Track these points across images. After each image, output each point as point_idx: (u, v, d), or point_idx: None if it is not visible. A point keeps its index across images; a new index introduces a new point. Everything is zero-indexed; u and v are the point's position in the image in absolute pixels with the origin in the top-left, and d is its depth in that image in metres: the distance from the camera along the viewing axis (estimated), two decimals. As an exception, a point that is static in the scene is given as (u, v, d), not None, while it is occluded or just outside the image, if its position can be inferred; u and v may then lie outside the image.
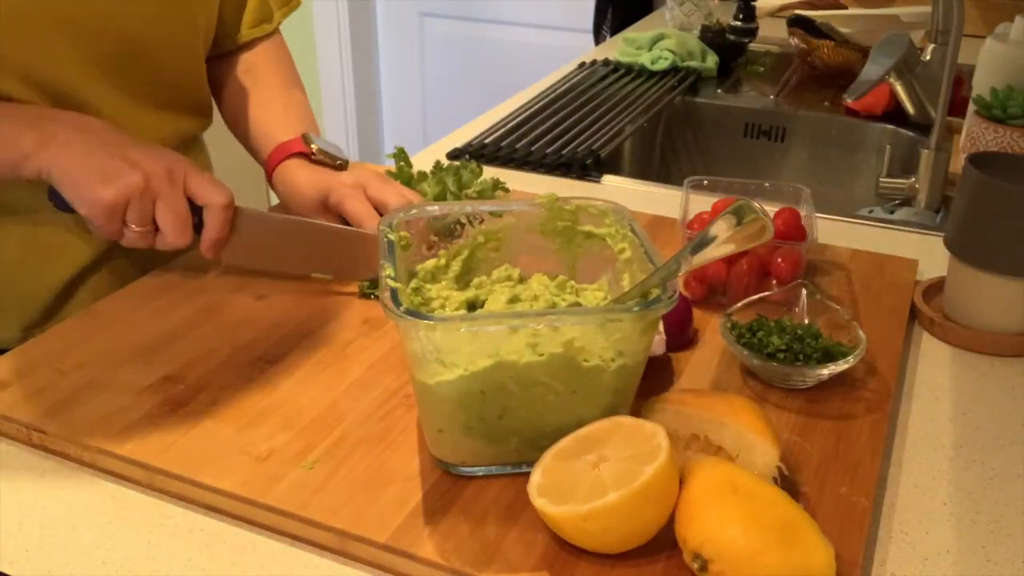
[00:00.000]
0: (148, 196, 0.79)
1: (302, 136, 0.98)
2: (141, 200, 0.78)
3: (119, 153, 0.79)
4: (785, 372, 0.74)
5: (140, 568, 0.59)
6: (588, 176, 1.24)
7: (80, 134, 0.80)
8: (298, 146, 0.97)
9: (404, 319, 0.58)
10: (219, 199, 0.82)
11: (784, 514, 0.55)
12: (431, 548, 0.58)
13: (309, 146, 0.97)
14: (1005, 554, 0.62)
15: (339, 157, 0.97)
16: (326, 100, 3.09)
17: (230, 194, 0.83)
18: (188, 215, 0.81)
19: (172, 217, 0.80)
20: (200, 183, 0.82)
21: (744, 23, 1.77)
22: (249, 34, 1.07)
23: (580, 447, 0.59)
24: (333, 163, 0.97)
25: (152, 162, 0.79)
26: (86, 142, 0.79)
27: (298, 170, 0.97)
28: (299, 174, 0.96)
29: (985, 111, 1.21)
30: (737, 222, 0.59)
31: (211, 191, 0.82)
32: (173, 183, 0.80)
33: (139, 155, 0.79)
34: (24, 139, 0.79)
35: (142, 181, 0.78)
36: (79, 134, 0.80)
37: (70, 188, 0.79)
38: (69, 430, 0.68)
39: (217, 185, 0.83)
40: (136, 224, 0.80)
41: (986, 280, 0.84)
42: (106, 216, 0.78)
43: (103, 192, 0.77)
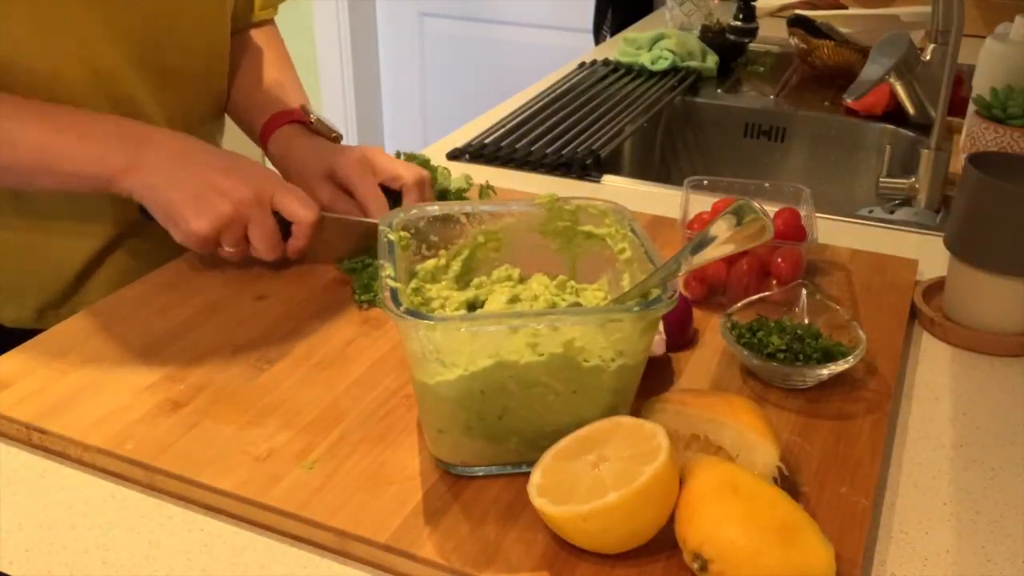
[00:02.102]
0: (239, 221, 0.83)
1: (300, 106, 1.01)
2: (232, 226, 0.82)
3: (209, 181, 0.82)
4: (785, 372, 0.74)
5: (140, 568, 0.59)
6: (588, 176, 1.24)
7: (170, 158, 0.82)
8: (297, 114, 1.01)
9: (404, 319, 0.58)
10: (307, 217, 0.86)
11: (784, 514, 0.55)
12: (431, 548, 0.58)
13: (308, 115, 1.00)
14: (1005, 554, 0.62)
15: (334, 130, 1.01)
16: (326, 100, 3.09)
17: (317, 210, 0.87)
18: (277, 233, 0.86)
19: (263, 238, 0.84)
20: (288, 201, 0.85)
21: (744, 23, 1.77)
22: (260, 15, 1.10)
23: (580, 447, 0.59)
24: (329, 135, 1.00)
25: (241, 187, 0.82)
26: (176, 169, 0.82)
27: (297, 137, 0.99)
28: (298, 141, 0.99)
29: (985, 111, 1.21)
30: (737, 222, 0.59)
31: (299, 209, 0.85)
32: (262, 206, 0.83)
33: (228, 182, 0.82)
34: (113, 160, 0.81)
35: (232, 210, 0.81)
36: (169, 158, 0.82)
37: (163, 218, 0.82)
38: (69, 430, 0.68)
39: (304, 202, 0.86)
40: (230, 246, 0.84)
41: (986, 280, 0.84)
42: (200, 245, 0.83)
43: (197, 225, 0.81)
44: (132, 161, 0.81)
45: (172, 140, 0.85)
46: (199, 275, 0.91)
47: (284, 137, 1.00)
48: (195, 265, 0.92)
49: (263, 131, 1.02)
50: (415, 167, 0.95)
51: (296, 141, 0.99)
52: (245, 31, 1.11)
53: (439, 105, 3.06)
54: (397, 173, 0.93)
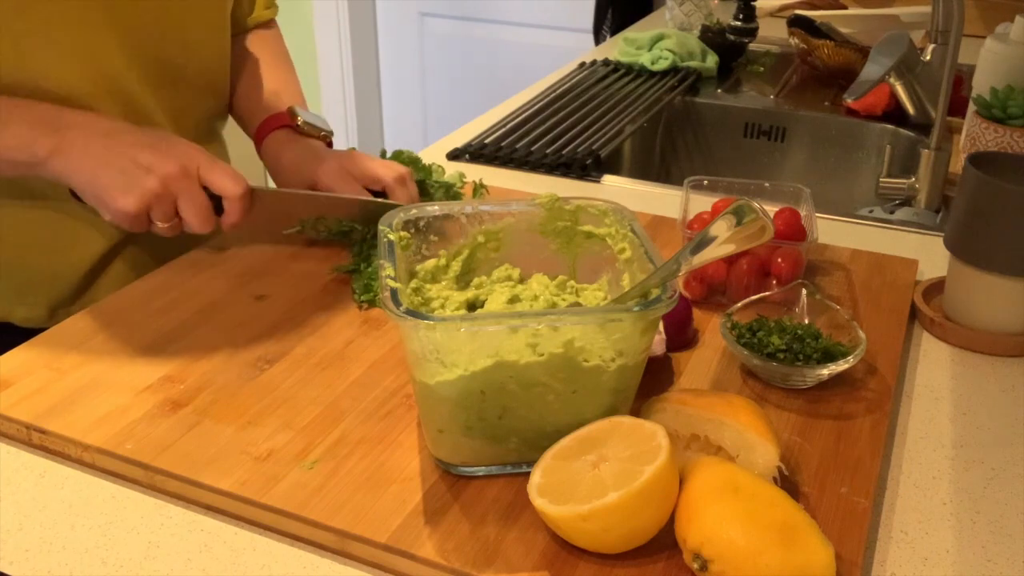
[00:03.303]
0: (168, 196, 0.82)
1: (288, 109, 1.01)
2: (161, 202, 0.82)
3: (134, 158, 0.81)
4: (785, 372, 0.74)
5: (140, 568, 0.59)
6: (588, 176, 1.24)
7: (95, 140, 0.82)
8: (284, 119, 1.01)
9: (404, 319, 0.58)
10: (235, 189, 0.85)
11: (784, 514, 0.55)
12: (431, 548, 0.58)
13: (295, 119, 1.00)
14: (1005, 554, 0.62)
15: (324, 129, 1.02)
16: (326, 100, 3.09)
17: (245, 183, 0.86)
18: (208, 206, 0.85)
19: (193, 211, 0.83)
20: (215, 174, 0.84)
21: (744, 23, 1.77)
22: (260, 16, 1.11)
23: (580, 447, 0.59)
24: (318, 135, 1.01)
25: (167, 162, 0.82)
26: (101, 149, 0.82)
27: (284, 145, 1.00)
28: (285, 150, 1.00)
29: (985, 111, 1.21)
30: (737, 222, 0.59)
31: (227, 182, 0.85)
32: (189, 179, 0.83)
33: (153, 157, 0.81)
34: (40, 145, 0.81)
35: (159, 185, 0.81)
36: (94, 140, 0.82)
37: (91, 198, 0.82)
38: (69, 430, 0.68)
39: (231, 175, 0.85)
40: (161, 222, 0.83)
41: (986, 280, 0.84)
42: (131, 222, 0.82)
43: (124, 203, 0.80)
44: (57, 145, 0.81)
45: (95, 122, 0.84)
46: (199, 275, 0.91)
47: (273, 145, 1.01)
48: (195, 265, 0.92)
49: (255, 138, 1.03)
50: (393, 165, 0.96)
51: (283, 151, 1.00)
52: (246, 32, 1.11)
53: (439, 105, 3.06)
54: (376, 175, 0.94)
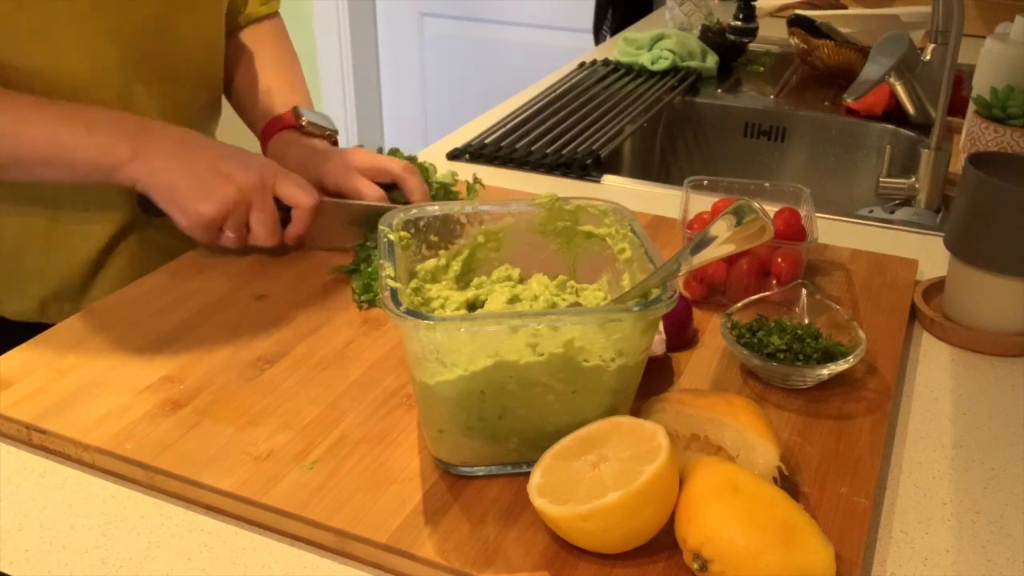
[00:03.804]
0: (243, 206, 0.84)
1: (293, 109, 1.02)
2: (237, 210, 0.84)
3: (214, 166, 0.84)
4: (785, 372, 0.74)
5: (140, 568, 0.59)
6: (588, 176, 1.24)
7: (176, 147, 0.84)
8: (289, 120, 1.02)
9: (404, 319, 0.58)
10: (307, 202, 0.88)
11: (784, 514, 0.55)
12: (431, 548, 0.58)
13: (300, 119, 1.01)
14: (1005, 554, 0.62)
15: (329, 128, 1.02)
16: (326, 100, 3.09)
17: (316, 196, 0.89)
18: (277, 218, 0.87)
19: (264, 223, 0.86)
20: (289, 187, 0.87)
21: (744, 23, 1.77)
22: (257, 11, 1.10)
23: (580, 447, 0.59)
24: (323, 133, 1.02)
25: (245, 173, 0.84)
26: (182, 156, 0.84)
27: (289, 147, 1.00)
28: (290, 152, 1.00)
29: (985, 111, 1.21)
30: (737, 222, 0.59)
31: (300, 194, 0.87)
32: (265, 191, 0.85)
33: (233, 168, 0.84)
34: (120, 149, 0.83)
35: (237, 194, 0.83)
36: (175, 147, 0.84)
37: (170, 203, 0.84)
38: (69, 430, 0.68)
39: (304, 188, 0.88)
40: (232, 231, 0.86)
41: (986, 280, 0.84)
42: (204, 229, 0.84)
43: (204, 208, 0.83)
44: (137, 150, 0.83)
45: (173, 130, 0.86)
46: (199, 275, 0.91)
47: (278, 147, 1.01)
48: (195, 265, 0.92)
49: (260, 140, 1.03)
50: (395, 159, 0.97)
51: (288, 152, 1.00)
52: (246, 27, 1.11)
53: (439, 105, 3.06)
54: (383, 167, 0.96)
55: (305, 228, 0.89)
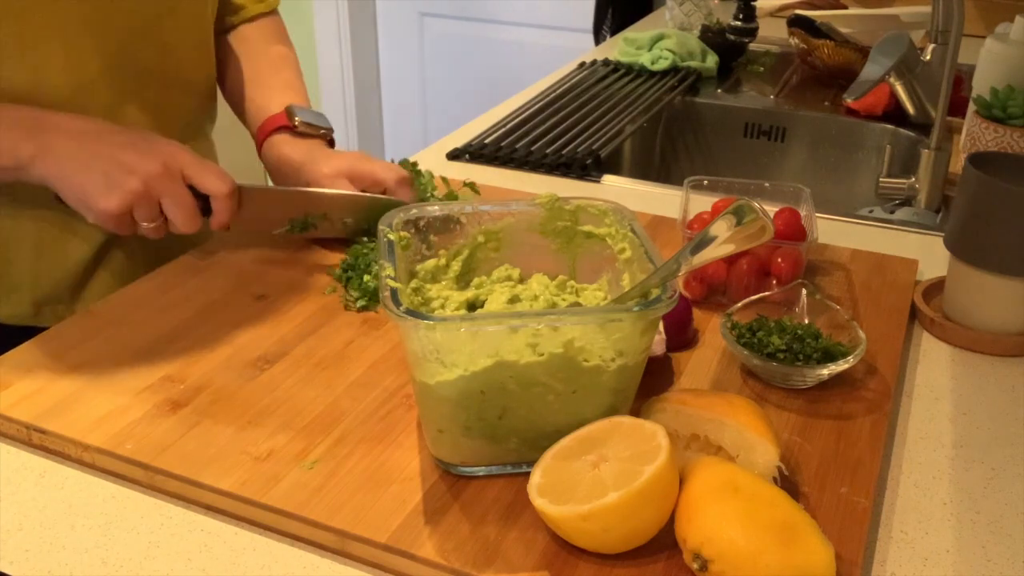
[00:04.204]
0: (151, 196, 0.81)
1: (286, 110, 1.00)
2: (145, 202, 0.81)
3: (115, 159, 0.80)
4: (785, 372, 0.74)
5: (140, 568, 0.59)
6: (588, 176, 1.24)
7: (75, 142, 0.81)
8: (282, 120, 1.00)
9: (404, 319, 0.58)
10: (221, 188, 0.84)
11: (784, 514, 0.55)
12: (431, 548, 0.58)
13: (292, 120, 0.99)
14: (1005, 554, 0.62)
15: (322, 126, 1.00)
16: (326, 101, 3.09)
17: (231, 181, 0.85)
18: (194, 205, 0.84)
19: (178, 210, 0.83)
20: (200, 173, 0.84)
21: (744, 23, 1.77)
22: (253, 10, 1.09)
23: (580, 447, 0.59)
24: (317, 133, 1.00)
25: (149, 162, 0.81)
26: (82, 151, 0.81)
27: (283, 148, 0.99)
28: (284, 155, 0.98)
29: (985, 111, 1.21)
30: (737, 222, 0.59)
31: (213, 181, 0.84)
32: (172, 178, 0.82)
33: (135, 157, 0.81)
34: (21, 149, 0.80)
35: (141, 185, 0.80)
36: (75, 142, 0.81)
37: (74, 201, 0.81)
38: (69, 430, 0.68)
39: (218, 173, 0.85)
40: (146, 222, 0.82)
41: (986, 280, 0.84)
42: (115, 223, 0.81)
43: (107, 204, 0.80)
44: (38, 149, 0.80)
45: (75, 123, 0.83)
46: (199, 275, 0.91)
47: (272, 149, 1.00)
48: (195, 265, 0.92)
49: (256, 142, 1.02)
50: (394, 167, 0.96)
51: (282, 154, 0.99)
52: (242, 25, 1.10)
53: (439, 105, 3.06)
54: (376, 177, 0.94)
55: (227, 215, 0.86)
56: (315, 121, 1.00)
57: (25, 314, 0.96)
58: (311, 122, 1.00)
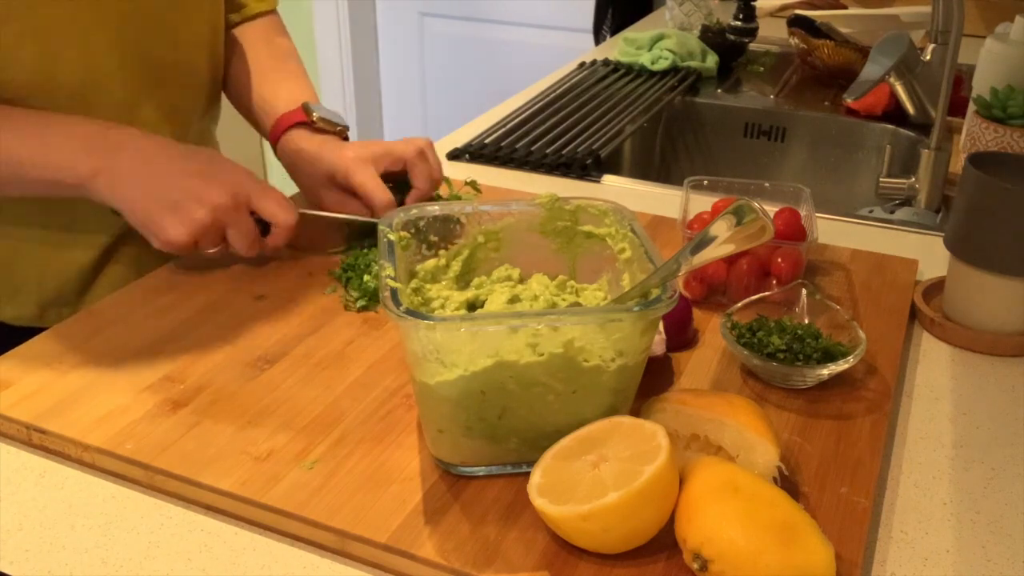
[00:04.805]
0: (217, 226, 0.82)
1: (302, 106, 1.00)
2: (210, 232, 0.82)
3: (184, 187, 0.80)
4: (785, 372, 0.74)
5: (140, 568, 0.59)
6: (588, 176, 1.24)
7: (141, 164, 0.81)
8: (299, 116, 1.00)
9: (404, 319, 0.58)
10: (285, 219, 0.85)
11: (784, 514, 0.55)
12: (431, 548, 0.58)
13: (310, 116, 0.99)
14: (1005, 554, 0.62)
15: (339, 123, 1.00)
16: (326, 100, 3.08)
17: (294, 211, 0.86)
18: (256, 234, 0.85)
19: (241, 239, 0.84)
20: (266, 203, 0.85)
21: (744, 23, 1.77)
22: (256, 7, 1.09)
23: (580, 447, 0.59)
24: (334, 129, 0.99)
25: (218, 192, 0.81)
26: (148, 175, 0.81)
27: (300, 143, 0.99)
28: (301, 148, 0.98)
29: (985, 111, 1.21)
30: (737, 222, 0.59)
31: (278, 211, 0.85)
32: (239, 210, 0.83)
33: (203, 186, 0.81)
34: (81, 167, 0.80)
35: (209, 217, 0.81)
36: (140, 164, 0.81)
37: (139, 225, 0.81)
38: (69, 430, 0.68)
39: (282, 203, 0.85)
40: (208, 248, 0.84)
41: (986, 280, 0.84)
42: (179, 250, 0.82)
43: (175, 234, 0.80)
44: (102, 168, 0.80)
45: (143, 142, 0.83)
46: (199, 275, 0.91)
47: (289, 144, 1.00)
48: (195, 265, 0.92)
49: (271, 138, 1.02)
50: (413, 139, 0.95)
51: (299, 149, 0.98)
52: (243, 24, 1.10)
53: (439, 105, 3.06)
54: (396, 154, 0.94)
55: (285, 240, 0.87)
56: (331, 118, 1.00)
57: (30, 315, 0.96)
58: (328, 118, 0.99)
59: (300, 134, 0.99)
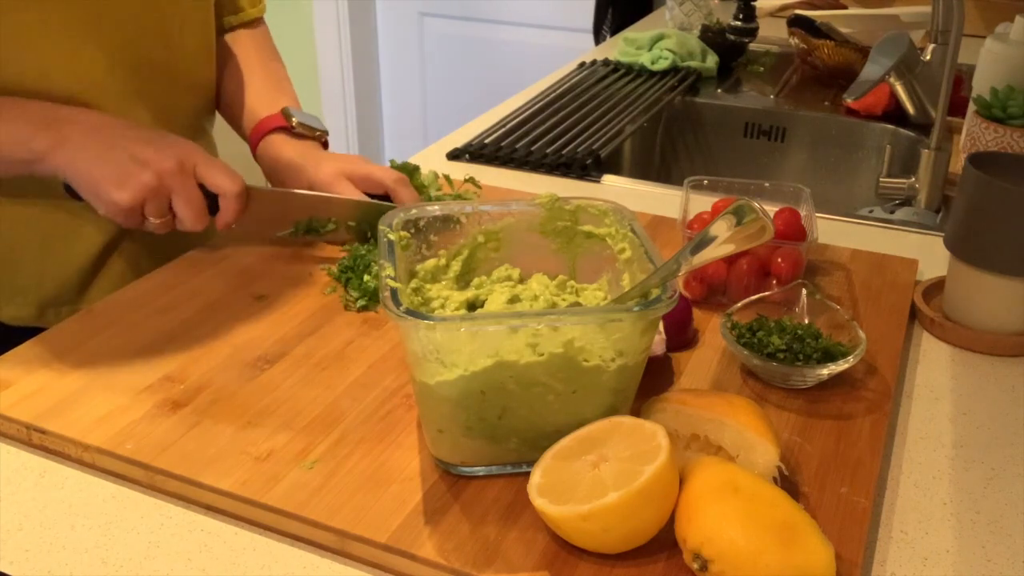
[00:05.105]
0: (163, 192, 0.82)
1: (282, 111, 1.01)
2: (156, 197, 0.82)
3: (131, 153, 0.82)
4: (785, 372, 0.74)
5: (140, 568, 0.59)
6: (588, 176, 1.24)
7: (92, 135, 0.82)
8: (279, 121, 1.01)
9: (404, 319, 0.58)
10: (232, 187, 0.85)
11: (784, 514, 0.55)
12: (431, 548, 0.58)
13: (290, 121, 1.00)
14: (1005, 554, 0.62)
15: (319, 128, 1.01)
16: (326, 100, 3.09)
17: (241, 181, 0.87)
18: (203, 203, 0.85)
19: (187, 207, 0.84)
20: (211, 171, 0.85)
21: (744, 23, 1.77)
22: (247, 14, 1.10)
23: (580, 447, 0.59)
24: (313, 135, 1.01)
25: (163, 158, 0.82)
26: (98, 144, 0.82)
27: (280, 149, 0.99)
28: (281, 154, 0.99)
29: (985, 111, 1.21)
30: (737, 222, 0.59)
31: (223, 179, 0.85)
32: (185, 175, 0.83)
33: (150, 153, 0.82)
34: (37, 141, 0.81)
35: (155, 179, 0.81)
36: (91, 135, 0.82)
37: (87, 191, 0.82)
38: (69, 430, 0.68)
39: (228, 173, 0.86)
40: (154, 217, 0.84)
41: (986, 280, 0.84)
42: (125, 216, 0.82)
43: (119, 196, 0.81)
44: (55, 141, 0.81)
45: (92, 117, 0.84)
46: (199, 275, 0.91)
47: (269, 148, 1.00)
48: (195, 265, 0.92)
49: (250, 141, 1.03)
50: (392, 171, 0.96)
51: (280, 154, 0.99)
52: (232, 30, 1.10)
53: (439, 105, 3.06)
54: (376, 178, 0.95)
55: (234, 215, 0.87)
56: (311, 123, 1.01)
57: (29, 316, 0.96)
58: (307, 124, 1.00)
59: (280, 139, 1.00)
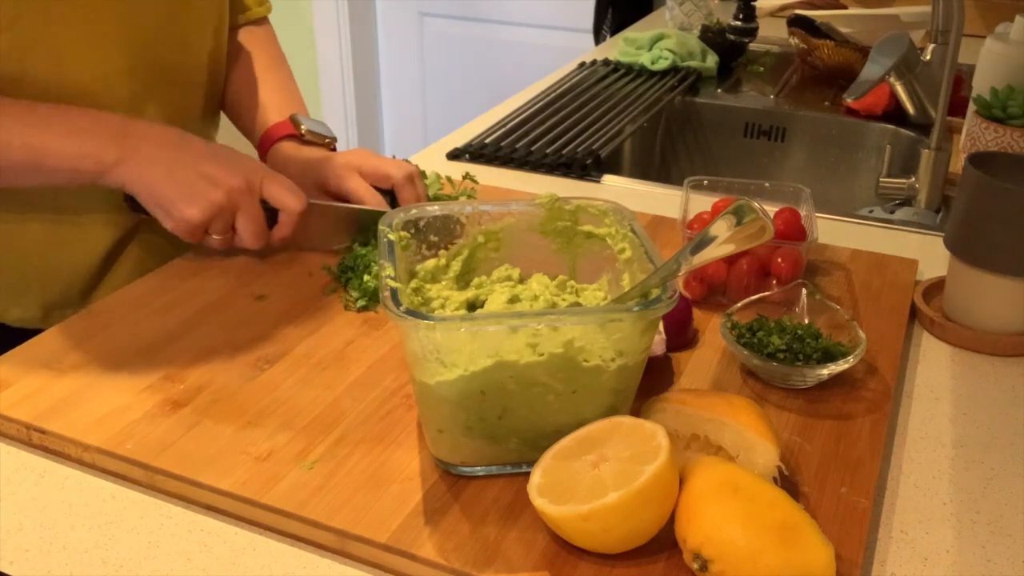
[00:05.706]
0: (229, 210, 0.84)
1: (291, 118, 1.01)
2: (223, 214, 0.84)
3: (200, 169, 0.83)
4: (785, 372, 0.74)
5: (140, 568, 0.59)
6: (588, 176, 1.24)
7: (161, 150, 0.83)
8: (288, 128, 1.01)
9: (404, 319, 0.58)
10: (296, 205, 0.87)
11: (784, 514, 0.55)
12: (431, 548, 0.58)
13: (299, 128, 1.01)
14: (1005, 554, 0.62)
15: (327, 135, 1.02)
16: (326, 100, 3.09)
17: (304, 198, 0.88)
18: (264, 224, 0.87)
19: (250, 226, 0.86)
20: (276, 189, 0.87)
21: (744, 23, 1.77)
22: (255, 12, 1.10)
23: (580, 447, 0.59)
24: (322, 142, 1.01)
25: (232, 176, 0.83)
26: (169, 159, 0.83)
27: (290, 155, 1.00)
28: (291, 159, 1.00)
29: (985, 111, 1.21)
30: (737, 222, 0.59)
31: (287, 197, 0.87)
32: (252, 194, 0.85)
33: (219, 170, 0.83)
34: (107, 153, 0.82)
35: (224, 198, 0.83)
36: (161, 150, 0.83)
37: (155, 207, 0.83)
38: (69, 430, 0.68)
39: (292, 190, 0.87)
40: (218, 234, 0.85)
41: (986, 280, 0.84)
42: (190, 232, 0.84)
43: (189, 212, 0.82)
44: (123, 154, 0.82)
45: (161, 131, 0.85)
46: (199, 275, 0.91)
47: (278, 156, 1.01)
48: (195, 265, 0.92)
49: (259, 149, 1.03)
50: (402, 163, 0.96)
51: (290, 161, 1.00)
52: (238, 29, 1.10)
53: (439, 105, 3.06)
54: (385, 172, 0.95)
55: (292, 231, 0.89)
56: (320, 130, 1.01)
57: (34, 318, 0.97)
58: (316, 131, 1.01)
59: (290, 146, 1.01)
